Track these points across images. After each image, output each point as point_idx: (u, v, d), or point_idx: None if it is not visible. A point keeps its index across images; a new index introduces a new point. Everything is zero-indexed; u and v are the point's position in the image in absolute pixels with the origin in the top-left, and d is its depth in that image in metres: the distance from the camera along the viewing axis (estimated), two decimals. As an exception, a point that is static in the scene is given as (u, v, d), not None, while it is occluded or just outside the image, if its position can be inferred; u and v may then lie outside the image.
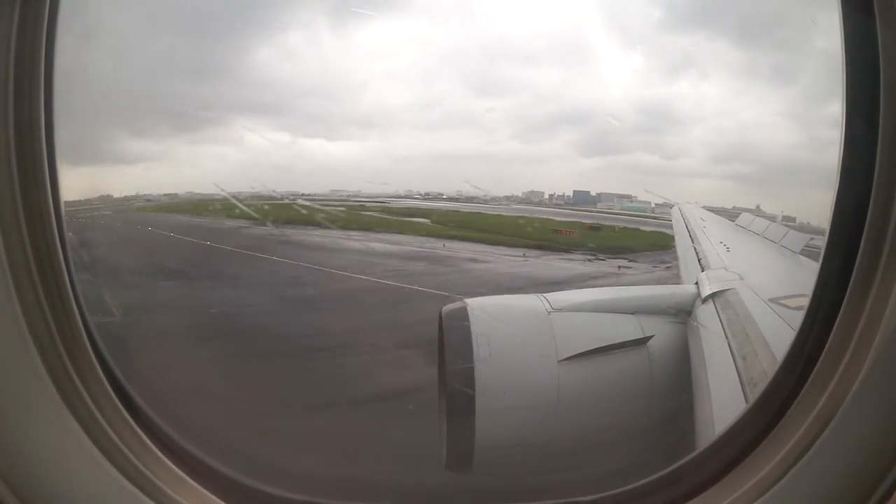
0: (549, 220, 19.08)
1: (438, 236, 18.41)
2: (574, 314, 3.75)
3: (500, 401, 3.34)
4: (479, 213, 20.74)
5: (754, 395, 1.83)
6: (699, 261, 5.89)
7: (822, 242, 1.45)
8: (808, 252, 5.32)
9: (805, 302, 1.47)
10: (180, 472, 1.42)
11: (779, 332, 2.83)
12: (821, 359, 1.33)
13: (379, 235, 17.62)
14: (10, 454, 1.22)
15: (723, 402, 2.56)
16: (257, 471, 1.61)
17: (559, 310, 3.71)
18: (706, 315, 3.77)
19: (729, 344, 3.07)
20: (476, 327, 3.49)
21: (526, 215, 20.58)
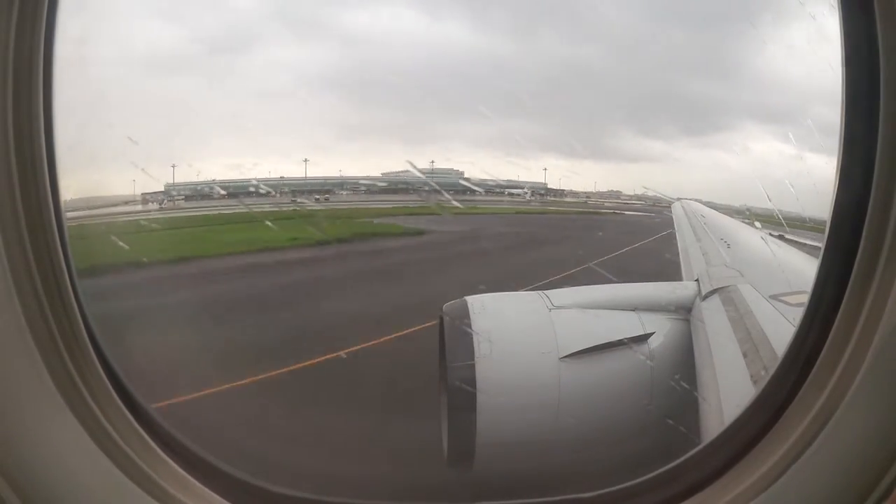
0: None
1: None
2: (575, 311, 3.75)
3: (501, 398, 3.34)
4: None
5: (754, 392, 1.83)
6: (700, 257, 5.88)
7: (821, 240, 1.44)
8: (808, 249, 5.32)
9: (805, 299, 1.47)
10: (182, 472, 1.42)
11: (780, 330, 2.83)
12: (820, 357, 1.33)
13: None
14: (12, 453, 1.22)
15: (723, 398, 2.56)
16: None
17: (560, 307, 3.72)
18: (706, 312, 3.77)
19: (729, 341, 3.07)
20: (477, 324, 3.49)
21: None
